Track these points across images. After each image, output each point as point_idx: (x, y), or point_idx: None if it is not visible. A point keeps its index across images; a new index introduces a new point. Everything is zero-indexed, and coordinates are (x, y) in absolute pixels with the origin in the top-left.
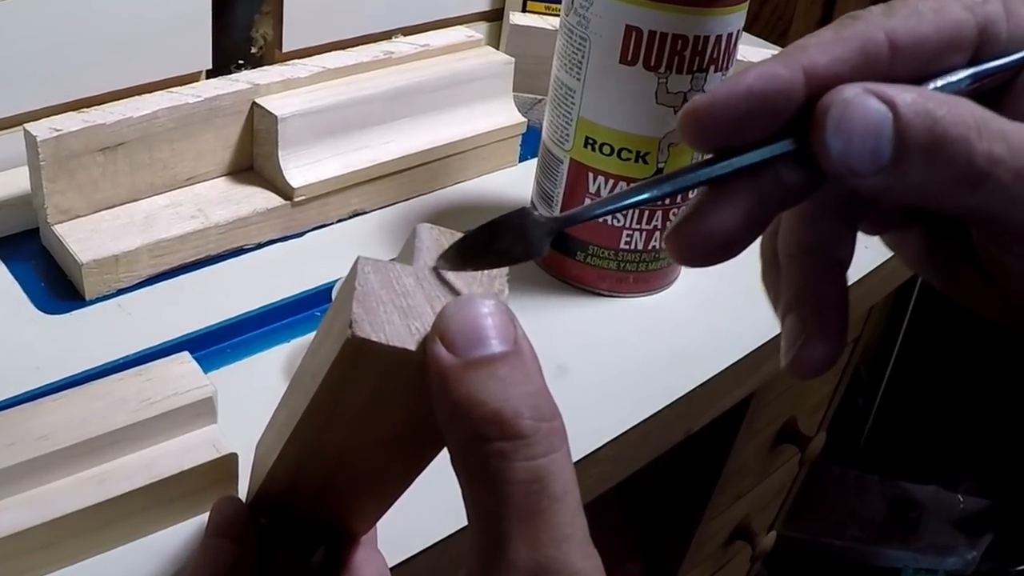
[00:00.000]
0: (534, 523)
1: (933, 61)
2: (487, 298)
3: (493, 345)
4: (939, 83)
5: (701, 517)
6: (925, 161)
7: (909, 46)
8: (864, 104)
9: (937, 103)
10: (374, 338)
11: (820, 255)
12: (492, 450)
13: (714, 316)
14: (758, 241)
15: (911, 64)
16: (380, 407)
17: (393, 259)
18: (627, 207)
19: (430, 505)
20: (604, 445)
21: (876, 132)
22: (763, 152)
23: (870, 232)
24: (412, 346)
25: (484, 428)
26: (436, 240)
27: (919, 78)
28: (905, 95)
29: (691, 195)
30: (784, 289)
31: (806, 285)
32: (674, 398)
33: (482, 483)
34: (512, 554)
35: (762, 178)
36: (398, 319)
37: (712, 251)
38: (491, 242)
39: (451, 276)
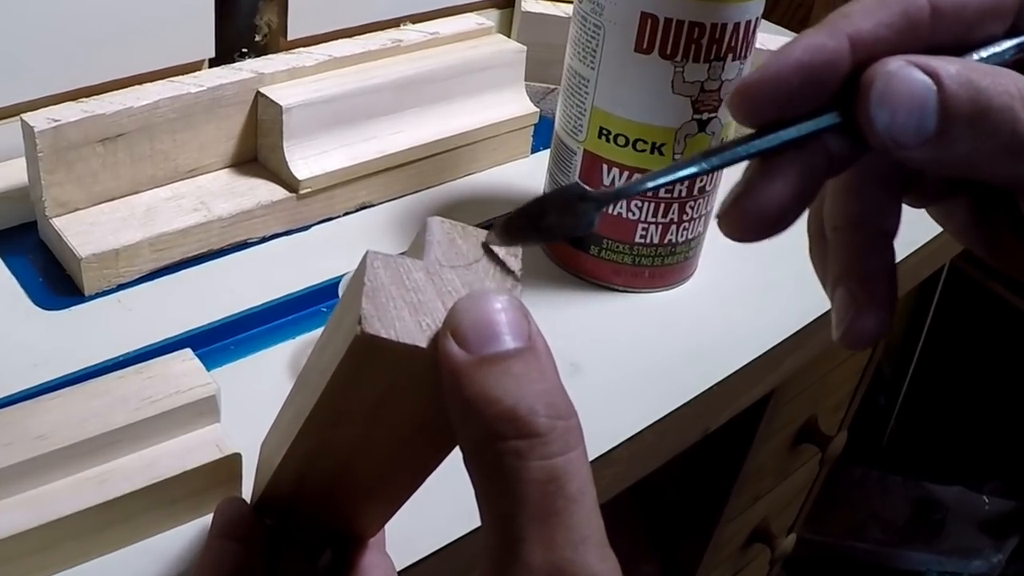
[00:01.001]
0: (550, 524)
1: (975, 27)
2: (500, 293)
3: (507, 341)
4: (983, 54)
5: (719, 519)
6: (970, 132)
7: (951, 11)
8: (908, 76)
9: (981, 74)
10: (384, 335)
11: (867, 227)
12: (507, 448)
13: (732, 312)
14: (799, 222)
15: (953, 30)
16: (390, 405)
17: (403, 253)
18: (677, 180)
19: (439, 507)
20: (619, 445)
21: (921, 104)
22: (810, 125)
23: (916, 205)
24: (423, 343)
25: (498, 426)
26: (447, 234)
27: (961, 45)
28: (949, 66)
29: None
30: (832, 263)
31: (854, 258)
32: (691, 396)
33: (496, 482)
34: (527, 556)
35: (809, 150)
36: (408, 315)
37: (766, 225)
38: (541, 217)
39: (462, 271)
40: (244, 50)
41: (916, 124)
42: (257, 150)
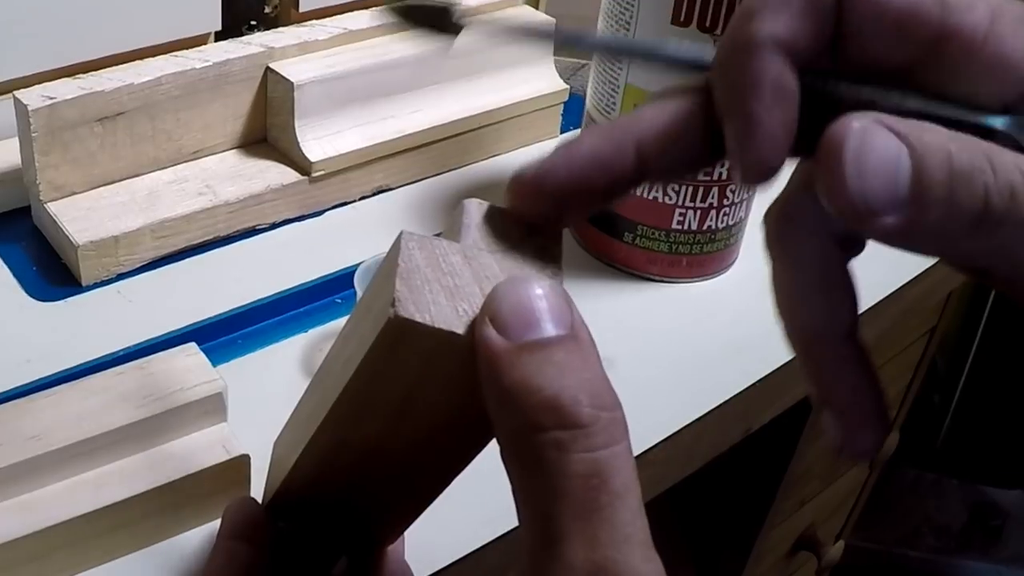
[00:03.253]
0: (592, 521)
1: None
2: (541, 279)
3: (548, 328)
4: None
5: (762, 525)
6: (945, 196)
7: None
8: (881, 135)
9: (949, 136)
10: (418, 319)
11: (826, 337)
12: (548, 440)
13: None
14: None
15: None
16: (419, 397)
17: (438, 234)
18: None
19: (461, 513)
20: (655, 445)
21: (894, 166)
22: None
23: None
24: (460, 329)
25: (539, 416)
26: (485, 217)
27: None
28: (916, 129)
29: None
30: (807, 383)
31: (826, 379)
32: (732, 394)
33: (536, 476)
34: (568, 554)
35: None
36: (444, 300)
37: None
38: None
39: (501, 257)
40: (253, 23)
41: (891, 188)
42: (266, 130)
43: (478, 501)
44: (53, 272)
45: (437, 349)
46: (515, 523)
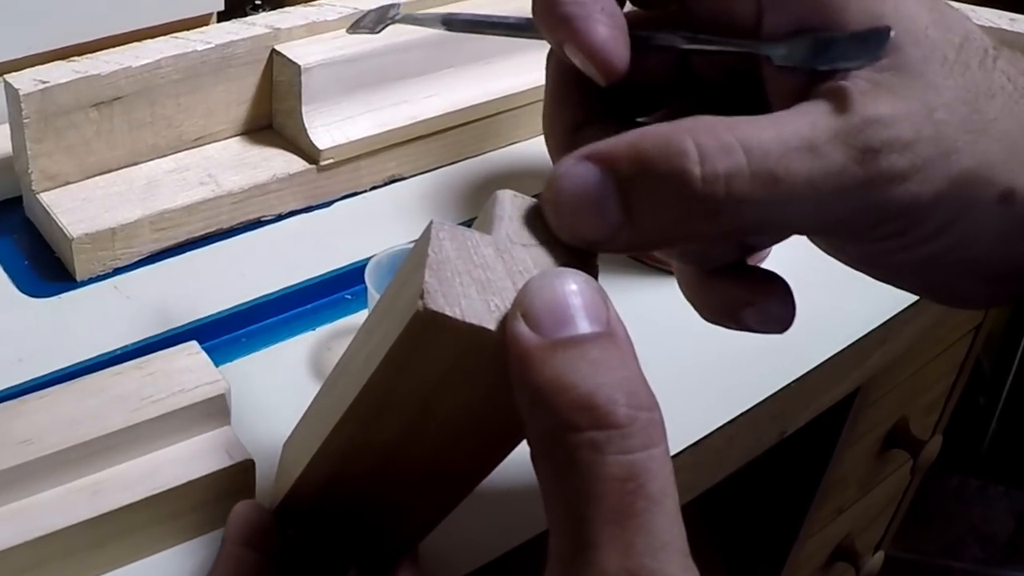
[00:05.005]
0: (628, 527)
1: None
2: (576, 274)
3: (583, 325)
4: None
5: (797, 535)
6: (651, 205)
7: None
8: (576, 172)
9: (655, 140)
10: (448, 312)
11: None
12: (582, 441)
13: (812, 299)
14: None
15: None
16: (445, 395)
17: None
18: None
19: (479, 521)
20: (684, 450)
21: (598, 198)
22: None
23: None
24: (491, 325)
25: (573, 415)
26: (519, 209)
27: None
28: (619, 144)
29: None
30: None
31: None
32: (765, 395)
33: (569, 479)
34: (601, 562)
35: None
36: (475, 293)
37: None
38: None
39: (535, 250)
40: (257, 2)
41: (600, 219)
42: (272, 116)
43: (497, 507)
44: (46, 266)
45: (466, 345)
46: (538, 531)
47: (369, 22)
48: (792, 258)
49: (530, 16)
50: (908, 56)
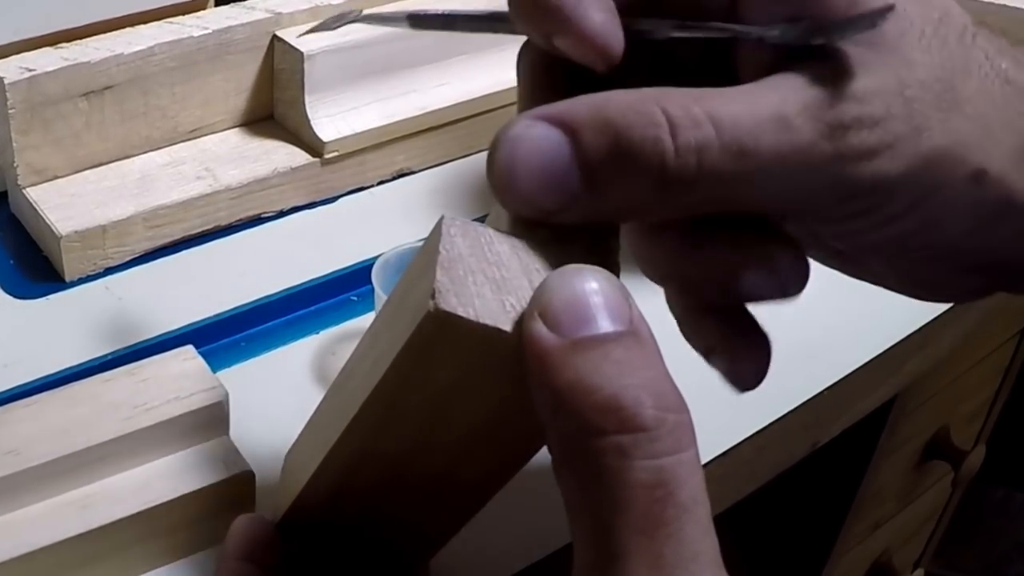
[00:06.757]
0: (657, 537)
1: None
2: (596, 270)
3: (604, 324)
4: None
5: (831, 551)
6: (617, 177)
7: None
8: (533, 135)
9: (621, 108)
10: (461, 312)
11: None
12: (607, 445)
13: (847, 302)
14: None
15: None
16: (458, 400)
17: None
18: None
19: (495, 534)
20: (711, 461)
21: (556, 162)
22: None
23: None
24: (507, 326)
25: (597, 418)
26: None
27: None
28: (581, 110)
29: None
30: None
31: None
32: (797, 403)
33: (594, 486)
34: (630, 574)
35: None
36: (489, 292)
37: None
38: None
39: (553, 249)
40: None
41: (558, 185)
42: (273, 106)
43: (516, 520)
44: (33, 266)
45: (480, 347)
46: (560, 544)
47: (331, 21)
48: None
49: (504, 9)
50: (883, 31)
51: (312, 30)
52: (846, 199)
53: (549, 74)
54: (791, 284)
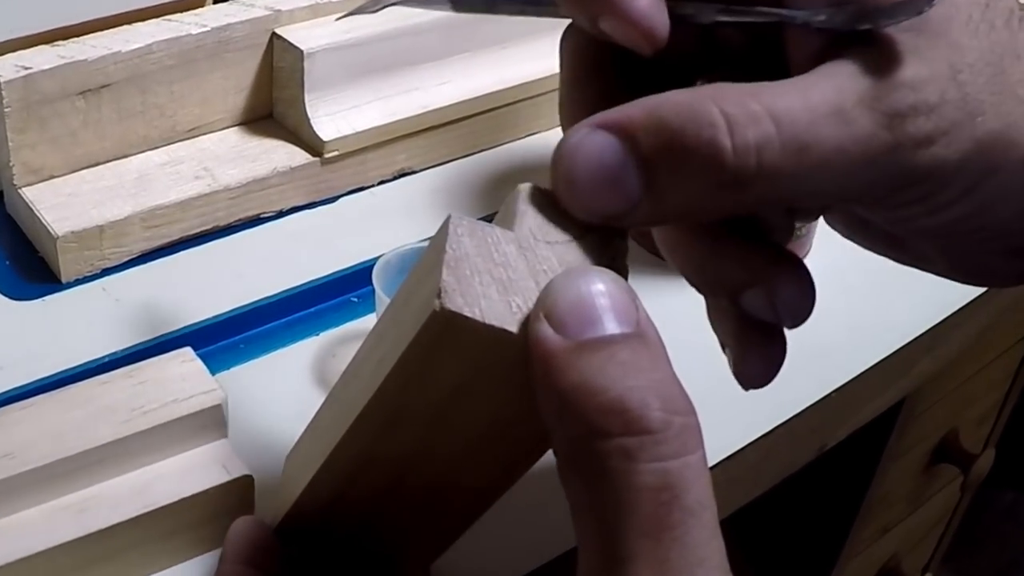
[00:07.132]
0: (663, 541)
1: None
2: (603, 272)
3: (611, 326)
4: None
5: (839, 556)
6: (676, 179)
7: None
8: (591, 143)
9: (676, 109)
10: (467, 312)
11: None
12: (613, 448)
13: (854, 303)
14: None
15: None
16: (462, 402)
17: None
18: None
19: (499, 539)
20: (716, 465)
21: (614, 168)
22: None
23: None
24: (513, 327)
25: (603, 421)
26: (543, 204)
27: None
28: (634, 112)
29: None
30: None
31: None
32: (804, 406)
33: (599, 489)
34: None
35: None
36: (496, 293)
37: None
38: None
39: (560, 248)
40: None
41: (618, 193)
42: (272, 105)
43: (520, 524)
44: (29, 267)
45: (486, 349)
46: (564, 548)
47: (369, 4)
48: (833, 259)
49: None
50: (929, 16)
51: (350, 13)
52: (902, 187)
53: (593, 59)
54: (789, 317)
